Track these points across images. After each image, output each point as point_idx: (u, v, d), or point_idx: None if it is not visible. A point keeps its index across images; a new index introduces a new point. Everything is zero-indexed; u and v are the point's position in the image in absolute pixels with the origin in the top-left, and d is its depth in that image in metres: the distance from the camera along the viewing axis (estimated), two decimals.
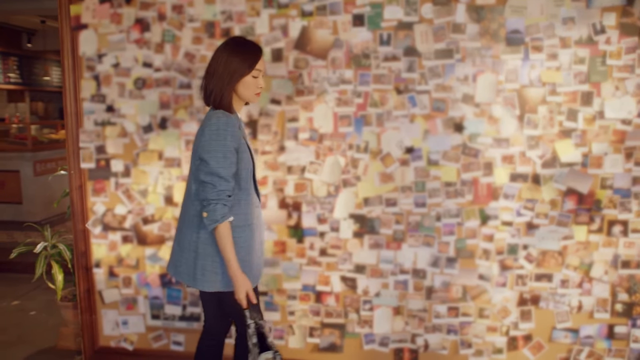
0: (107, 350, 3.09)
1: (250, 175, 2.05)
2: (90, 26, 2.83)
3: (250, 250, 2.06)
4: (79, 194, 2.95)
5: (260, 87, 2.04)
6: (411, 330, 2.84)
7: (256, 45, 2.04)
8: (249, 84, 2.00)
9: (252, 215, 2.07)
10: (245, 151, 2.01)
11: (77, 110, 2.89)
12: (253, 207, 2.08)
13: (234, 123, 1.96)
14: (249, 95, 2.03)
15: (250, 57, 1.98)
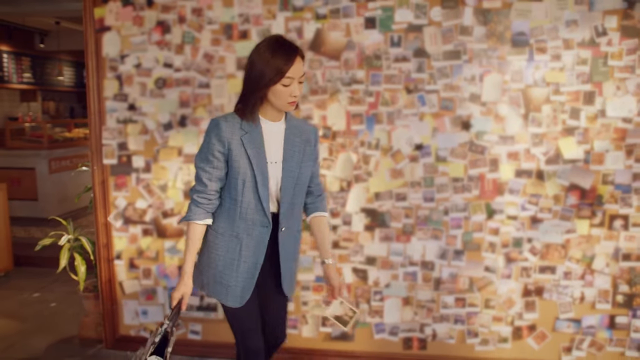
0: (127, 339, 3.21)
1: (245, 187, 1.85)
2: (114, 28, 2.96)
3: (229, 265, 1.91)
4: (101, 188, 3.08)
5: (294, 96, 1.81)
6: (420, 320, 2.96)
7: (291, 48, 1.79)
8: (280, 92, 1.79)
9: (239, 228, 1.89)
10: (240, 160, 1.83)
11: (100, 108, 3.02)
12: (241, 221, 1.89)
13: (229, 127, 1.82)
14: (281, 104, 1.82)
15: (279, 64, 1.75)
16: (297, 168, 1.92)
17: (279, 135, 1.92)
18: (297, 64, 1.78)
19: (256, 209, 1.88)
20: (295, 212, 2.00)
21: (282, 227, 1.93)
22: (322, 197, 2.13)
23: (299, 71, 1.79)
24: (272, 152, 1.89)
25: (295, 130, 1.95)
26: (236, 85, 2.89)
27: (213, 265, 1.94)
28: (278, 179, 1.90)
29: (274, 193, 1.91)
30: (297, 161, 1.92)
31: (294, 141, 1.93)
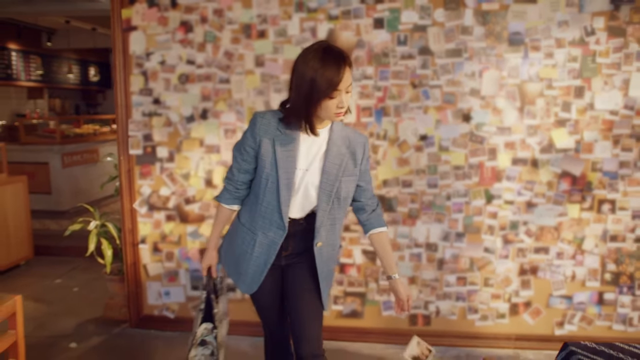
0: (150, 318, 3.45)
1: (268, 187, 1.84)
2: (140, 28, 3.19)
3: (243, 254, 1.96)
4: (127, 177, 3.31)
5: (341, 107, 1.72)
6: (424, 298, 3.20)
7: (340, 57, 1.68)
8: (327, 104, 1.71)
9: (257, 225, 1.91)
10: (266, 159, 1.82)
11: (127, 102, 3.25)
12: (260, 218, 1.89)
13: (264, 124, 1.83)
14: (328, 115, 1.74)
15: (330, 76, 1.66)
16: (336, 181, 1.84)
17: (317, 144, 1.85)
18: (347, 74, 1.68)
19: (275, 211, 1.85)
20: (338, 228, 1.95)
21: (317, 241, 1.89)
22: (377, 212, 2.03)
23: (346, 82, 1.68)
24: (305, 159, 1.84)
25: (339, 141, 1.86)
26: (254, 81, 3.12)
27: (232, 250, 2.01)
28: (307, 187, 1.85)
29: (300, 200, 1.86)
30: (336, 174, 1.84)
31: (336, 153, 1.84)
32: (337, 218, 1.92)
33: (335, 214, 1.90)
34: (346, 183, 1.88)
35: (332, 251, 1.97)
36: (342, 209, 1.92)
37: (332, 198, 1.85)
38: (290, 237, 1.91)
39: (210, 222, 3.25)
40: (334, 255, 2.01)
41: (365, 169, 1.96)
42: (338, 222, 1.94)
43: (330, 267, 2.00)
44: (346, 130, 1.91)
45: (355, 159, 1.89)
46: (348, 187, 1.89)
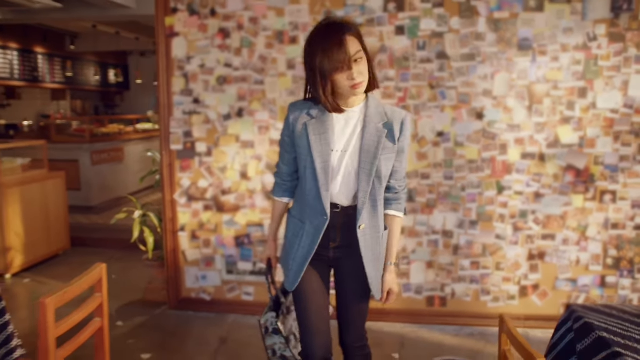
0: (188, 301, 3.76)
1: (307, 174, 1.83)
2: (181, 34, 3.51)
3: (291, 247, 1.93)
4: (168, 170, 3.63)
5: (353, 79, 1.68)
6: (441, 281, 3.50)
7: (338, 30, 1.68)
8: (338, 80, 1.70)
9: (305, 214, 1.89)
10: (301, 146, 1.83)
11: (169, 102, 3.57)
12: (307, 207, 1.87)
13: (296, 111, 1.85)
14: (344, 90, 1.72)
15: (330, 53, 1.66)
16: (374, 160, 1.77)
17: (352, 122, 1.81)
18: (350, 44, 1.66)
19: (317, 197, 1.81)
20: (380, 210, 1.87)
21: (360, 224, 1.83)
22: (399, 196, 1.94)
23: (352, 51, 1.66)
24: (340, 140, 1.81)
25: (376, 117, 1.80)
26: (286, 82, 3.43)
27: (285, 245, 1.99)
28: (347, 170, 1.80)
29: (342, 185, 1.82)
30: (374, 153, 1.77)
31: (373, 130, 1.78)
32: (378, 199, 1.84)
33: (376, 195, 1.83)
34: (386, 161, 1.80)
35: (376, 234, 1.87)
36: (382, 189, 1.84)
37: (372, 178, 1.78)
38: (336, 227, 1.86)
39: (245, 212, 3.57)
40: (379, 239, 1.90)
41: (402, 149, 1.85)
42: (379, 203, 1.86)
43: (377, 251, 1.89)
44: (383, 107, 1.84)
45: (394, 135, 1.80)
46: (388, 166, 1.82)
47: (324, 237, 1.87)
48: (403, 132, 1.83)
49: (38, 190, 4.80)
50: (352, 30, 1.70)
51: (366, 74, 1.72)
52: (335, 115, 1.81)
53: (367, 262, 1.87)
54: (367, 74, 1.72)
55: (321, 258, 1.91)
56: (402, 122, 1.83)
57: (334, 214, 1.84)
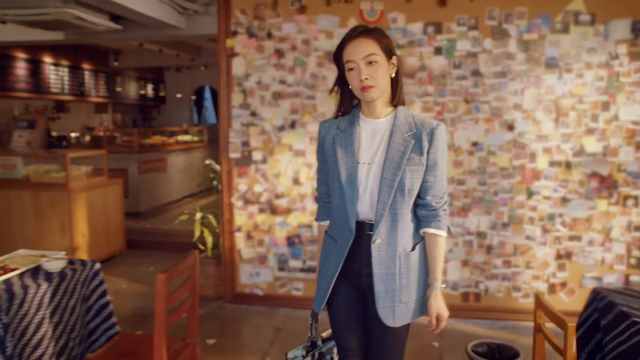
0: (242, 296, 4.14)
1: (335, 188, 1.79)
2: (241, 54, 3.93)
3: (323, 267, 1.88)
4: (227, 176, 4.03)
5: (363, 79, 1.65)
6: (475, 278, 3.82)
7: (350, 31, 1.72)
8: (350, 79, 1.71)
9: (336, 231, 1.83)
10: (329, 160, 1.82)
11: (229, 114, 3.98)
12: (336, 223, 1.83)
13: (326, 127, 1.85)
14: (355, 91, 1.71)
15: (338, 49, 1.74)
16: (397, 171, 1.68)
17: (380, 134, 1.75)
18: (355, 44, 1.67)
19: (344, 212, 1.76)
20: (401, 225, 1.73)
21: (375, 238, 1.72)
22: (437, 213, 1.77)
23: (358, 51, 1.66)
24: (367, 153, 1.75)
25: (403, 127, 1.73)
26: (335, 98, 3.81)
27: (320, 261, 1.93)
28: (374, 183, 1.72)
29: (367, 197, 1.74)
30: (398, 163, 1.69)
31: (400, 139, 1.71)
32: (398, 214, 1.71)
33: (397, 208, 1.71)
34: (411, 173, 1.69)
35: (393, 251, 1.73)
36: (405, 204, 1.72)
37: (394, 189, 1.68)
38: (369, 249, 1.74)
39: (296, 214, 3.95)
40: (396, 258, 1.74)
41: (434, 161, 1.73)
42: (400, 218, 1.72)
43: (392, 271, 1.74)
44: (413, 117, 1.76)
45: (422, 147, 1.70)
46: (413, 179, 1.70)
47: (356, 261, 1.78)
48: (433, 143, 1.71)
49: (99, 195, 5.25)
50: (371, 33, 1.69)
51: (378, 80, 1.67)
52: (362, 126, 1.77)
53: (377, 280, 1.73)
54: (380, 81, 1.67)
55: (352, 284, 1.83)
56: (432, 132, 1.72)
57: (365, 235, 1.75)
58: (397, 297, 1.75)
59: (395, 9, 3.70)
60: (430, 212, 1.78)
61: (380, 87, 1.68)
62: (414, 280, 1.78)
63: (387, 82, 1.72)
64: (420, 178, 1.73)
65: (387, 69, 1.70)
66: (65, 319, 2.41)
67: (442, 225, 1.79)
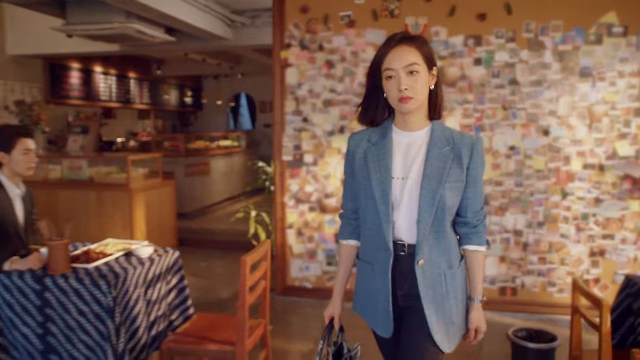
0: (293, 288, 4.46)
1: (367, 205, 1.69)
2: (294, 65, 4.27)
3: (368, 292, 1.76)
4: (280, 178, 4.37)
5: (402, 90, 1.57)
6: (512, 274, 4.08)
7: (391, 37, 1.63)
8: (387, 88, 1.62)
9: (370, 253, 1.73)
10: (360, 174, 1.71)
11: (282, 120, 4.32)
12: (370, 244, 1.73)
13: (356, 139, 1.77)
14: (393, 102, 1.63)
15: (377, 55, 1.64)
16: (438, 187, 1.61)
17: (415, 148, 1.68)
18: (397, 51, 1.59)
19: (378, 231, 1.66)
20: (443, 243, 1.67)
21: (419, 259, 1.64)
22: (477, 229, 1.74)
23: (400, 59, 1.58)
24: (402, 167, 1.66)
25: (441, 141, 1.66)
26: None
27: (358, 292, 1.83)
28: (409, 198, 1.64)
29: (403, 214, 1.65)
30: (438, 179, 1.62)
31: (438, 154, 1.64)
32: (440, 231, 1.65)
33: (439, 227, 1.65)
34: (451, 190, 1.63)
35: (437, 270, 1.67)
36: (446, 221, 1.66)
37: (435, 207, 1.61)
38: (404, 271, 1.67)
39: None
40: (442, 277, 1.68)
41: (474, 177, 1.68)
42: (443, 236, 1.66)
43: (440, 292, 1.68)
44: (449, 131, 1.70)
45: (462, 162, 1.64)
46: (453, 195, 1.64)
47: (395, 284, 1.70)
48: (473, 158, 1.65)
49: (155, 195, 5.65)
50: (413, 41, 1.61)
51: (418, 92, 1.60)
52: (396, 139, 1.69)
53: (426, 303, 1.65)
54: (419, 93, 1.60)
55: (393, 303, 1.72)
56: (472, 147, 1.66)
57: (401, 256, 1.67)
58: (449, 319, 1.70)
59: (438, 23, 4.00)
60: (471, 229, 1.74)
61: (419, 99, 1.61)
62: (461, 298, 1.74)
63: (426, 94, 1.64)
64: (460, 194, 1.67)
65: (427, 80, 1.63)
66: (154, 297, 2.78)
67: (483, 240, 1.77)
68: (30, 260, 2.59)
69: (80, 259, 2.68)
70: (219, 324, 2.77)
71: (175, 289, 3.01)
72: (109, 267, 2.61)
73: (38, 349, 2.52)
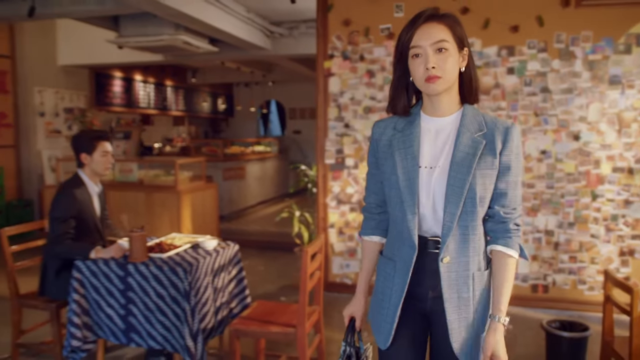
0: (333, 284, 4.73)
1: (392, 197, 1.56)
2: (336, 74, 4.56)
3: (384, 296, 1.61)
4: (323, 180, 4.65)
5: (429, 68, 1.43)
6: (543, 272, 4.30)
7: (418, 14, 1.50)
8: (413, 67, 1.49)
9: (394, 248, 1.60)
10: (385, 164, 1.58)
11: (325, 126, 4.61)
12: (395, 239, 1.60)
13: (381, 127, 1.63)
14: (419, 83, 1.49)
15: (403, 33, 1.50)
16: (466, 176, 1.47)
17: (444, 134, 1.54)
18: (424, 28, 1.46)
19: (403, 224, 1.53)
20: (473, 241, 1.52)
21: (443, 256, 1.50)
22: (507, 227, 1.53)
23: (427, 36, 1.44)
24: (430, 155, 1.54)
25: (472, 126, 1.52)
26: None
27: (376, 293, 1.69)
28: (438, 189, 1.50)
29: (430, 207, 1.52)
30: (468, 167, 1.47)
31: (469, 140, 1.50)
32: (469, 226, 1.50)
33: (467, 220, 1.49)
34: (482, 178, 1.48)
35: (465, 271, 1.52)
36: (477, 215, 1.50)
37: (463, 197, 1.47)
38: (435, 270, 1.52)
39: None
40: (469, 279, 1.53)
41: (507, 165, 1.51)
42: (473, 232, 1.51)
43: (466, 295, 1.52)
44: (483, 115, 1.55)
45: (495, 148, 1.49)
46: (485, 184, 1.49)
47: (421, 285, 1.56)
48: (507, 145, 1.50)
49: (199, 197, 5.98)
50: (443, 18, 1.48)
51: (447, 71, 1.45)
52: (424, 126, 1.56)
53: (448, 306, 1.51)
54: (448, 72, 1.46)
55: (416, 310, 1.60)
56: (506, 132, 1.51)
57: (430, 253, 1.53)
58: (474, 327, 1.54)
59: (473, 35, 4.26)
60: (498, 224, 1.53)
61: (447, 79, 1.46)
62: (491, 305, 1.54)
63: (456, 75, 1.50)
64: (493, 184, 1.51)
65: (457, 60, 1.49)
66: (218, 285, 3.07)
67: (512, 243, 1.52)
68: (113, 250, 2.91)
69: (154, 250, 2.99)
70: (277, 311, 3.04)
71: (235, 279, 3.31)
72: (181, 257, 2.92)
73: (120, 328, 2.84)
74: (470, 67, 1.54)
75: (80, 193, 3.13)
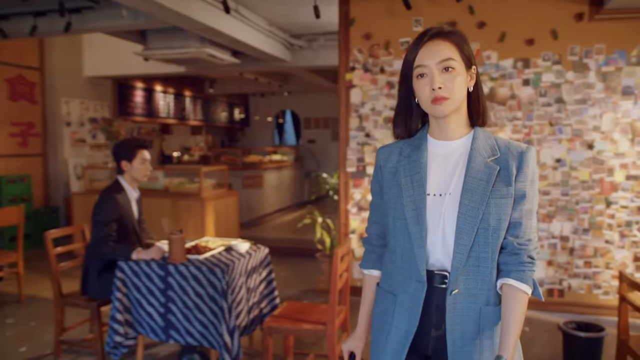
0: (354, 289, 4.86)
1: (396, 227, 1.47)
2: (357, 86, 4.75)
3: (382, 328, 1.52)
4: (344, 187, 4.83)
5: (435, 89, 1.36)
6: (559, 277, 4.43)
7: (423, 32, 1.42)
8: (418, 88, 1.42)
9: (395, 282, 1.49)
10: (390, 191, 1.50)
11: (346, 136, 4.79)
12: (397, 272, 1.49)
13: (386, 152, 1.57)
14: (424, 104, 1.42)
15: (408, 52, 1.44)
16: (480, 205, 1.38)
17: (454, 159, 1.46)
18: (429, 46, 1.39)
19: (409, 257, 1.44)
20: (484, 273, 1.41)
21: (452, 288, 1.39)
22: (520, 259, 1.41)
23: (433, 55, 1.38)
24: (438, 181, 1.45)
25: (484, 151, 1.43)
26: None
27: (373, 326, 1.59)
28: (446, 218, 1.41)
29: (440, 238, 1.41)
30: (482, 194, 1.38)
31: (481, 165, 1.41)
32: (482, 258, 1.40)
33: (479, 252, 1.39)
34: (497, 208, 1.39)
35: (473, 304, 1.40)
36: (490, 245, 1.39)
37: (476, 228, 1.37)
38: (440, 307, 1.42)
39: None
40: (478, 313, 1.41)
41: (522, 192, 1.41)
42: (484, 264, 1.40)
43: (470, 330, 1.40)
44: (495, 139, 1.47)
45: (509, 174, 1.40)
46: (500, 214, 1.39)
47: (424, 321, 1.44)
48: (522, 170, 1.41)
49: (222, 205, 6.18)
50: (448, 36, 1.41)
51: (455, 91, 1.38)
52: (431, 151, 1.48)
53: (450, 341, 1.40)
54: (456, 93, 1.39)
55: (416, 350, 1.48)
56: (521, 157, 1.42)
57: (436, 289, 1.42)
58: None
59: (489, 48, 4.44)
60: (510, 256, 1.41)
61: (455, 99, 1.39)
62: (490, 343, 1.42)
63: (464, 96, 1.43)
64: (508, 214, 1.40)
65: (465, 80, 1.42)
66: (251, 286, 3.25)
67: (526, 278, 1.39)
68: (153, 251, 3.10)
69: (191, 251, 3.18)
70: (307, 310, 3.21)
71: (265, 280, 3.48)
72: (217, 259, 3.10)
73: (160, 325, 3.02)
74: (478, 86, 1.47)
75: (121, 198, 3.33)
